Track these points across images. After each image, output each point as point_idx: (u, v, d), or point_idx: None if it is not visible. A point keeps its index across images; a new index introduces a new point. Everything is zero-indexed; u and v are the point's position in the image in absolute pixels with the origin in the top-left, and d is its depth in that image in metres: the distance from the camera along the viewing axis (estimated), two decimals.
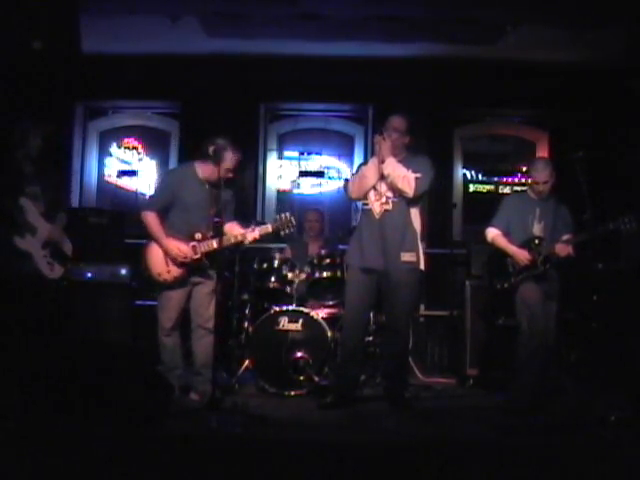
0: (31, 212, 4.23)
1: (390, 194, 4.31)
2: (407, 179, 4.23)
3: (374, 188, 4.35)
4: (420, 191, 4.28)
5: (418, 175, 4.25)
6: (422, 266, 4.34)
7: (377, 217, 4.31)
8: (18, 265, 4.18)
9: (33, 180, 4.28)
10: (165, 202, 4.43)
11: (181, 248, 4.31)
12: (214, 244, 4.28)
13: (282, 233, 4.47)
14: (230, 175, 4.37)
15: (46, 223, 4.29)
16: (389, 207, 4.30)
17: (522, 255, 4.47)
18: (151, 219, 4.38)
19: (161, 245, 4.35)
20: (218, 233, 4.21)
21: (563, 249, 4.38)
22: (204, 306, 4.40)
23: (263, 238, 4.48)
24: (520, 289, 4.50)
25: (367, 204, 4.38)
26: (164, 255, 4.35)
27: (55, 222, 4.36)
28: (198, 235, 4.34)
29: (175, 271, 4.35)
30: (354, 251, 4.42)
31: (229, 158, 4.32)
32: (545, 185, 4.55)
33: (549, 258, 4.41)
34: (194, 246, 4.33)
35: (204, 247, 4.33)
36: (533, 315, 4.39)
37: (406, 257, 4.26)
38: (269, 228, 4.45)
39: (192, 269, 4.38)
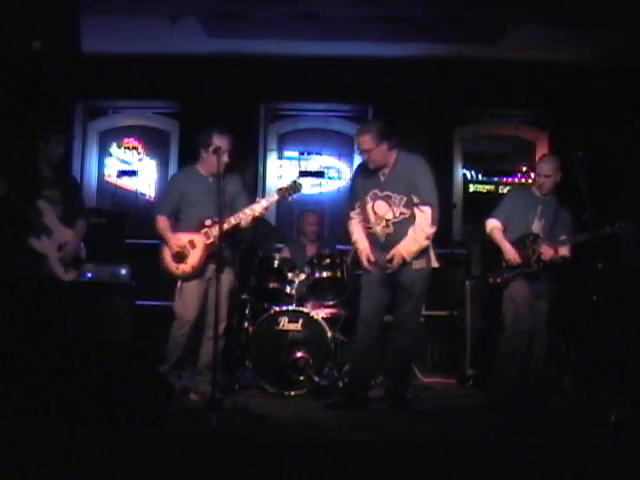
0: (48, 215, 4.29)
1: (390, 216, 4.27)
2: (421, 235, 4.21)
3: (374, 212, 4.31)
4: (437, 218, 4.25)
5: (424, 209, 4.21)
6: (434, 264, 4.37)
7: (382, 240, 4.32)
8: (33, 266, 4.22)
9: (52, 184, 4.36)
10: (173, 204, 4.56)
11: (179, 239, 4.42)
12: (225, 225, 4.34)
13: (290, 198, 4.58)
14: (226, 160, 4.38)
15: (63, 227, 4.35)
16: (390, 230, 4.29)
17: (512, 255, 4.48)
18: (159, 221, 4.54)
19: (167, 241, 4.46)
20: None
21: (547, 251, 4.40)
22: (219, 306, 4.39)
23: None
24: (510, 286, 4.51)
25: (370, 227, 4.37)
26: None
27: (75, 228, 4.43)
28: (208, 221, 4.40)
29: (192, 260, 4.42)
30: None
31: (218, 142, 4.36)
32: (546, 179, 4.55)
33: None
34: (206, 232, 4.41)
35: (216, 230, 4.33)
36: (518, 313, 4.43)
37: (417, 265, 4.28)
38: (275, 196, 4.55)
39: (210, 256, 4.42)
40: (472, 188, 7.19)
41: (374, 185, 4.33)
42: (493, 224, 4.66)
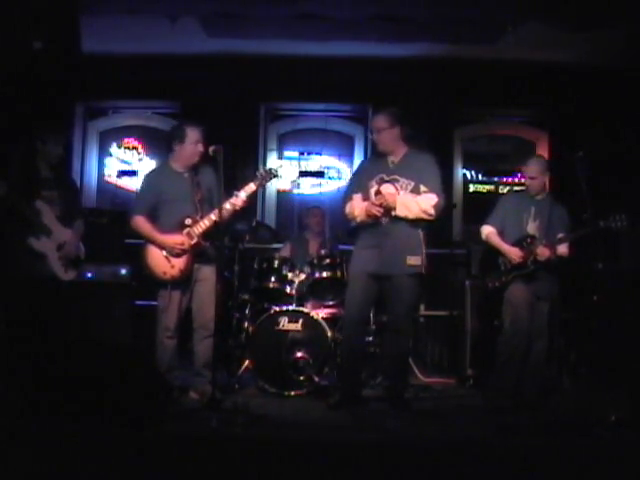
0: (47, 215, 4.29)
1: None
2: (421, 203, 4.20)
3: (379, 192, 4.31)
4: (440, 209, 4.26)
5: (432, 196, 4.22)
6: (423, 269, 4.30)
7: (383, 222, 4.26)
8: (33, 265, 4.22)
9: (51, 185, 4.36)
10: (149, 203, 4.45)
11: (175, 238, 4.33)
12: (207, 222, 4.32)
13: (267, 184, 4.63)
14: (201, 149, 4.37)
15: (62, 226, 4.35)
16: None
17: (514, 253, 4.49)
18: (140, 222, 4.41)
19: (156, 243, 4.35)
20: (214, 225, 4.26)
21: (544, 252, 4.39)
22: (206, 306, 4.37)
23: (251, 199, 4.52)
24: (509, 288, 4.52)
25: None
26: (163, 252, 4.36)
27: (73, 228, 4.44)
28: (188, 220, 4.34)
29: (179, 264, 4.35)
30: (358, 256, 4.37)
31: (191, 133, 4.38)
32: (532, 181, 4.56)
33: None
34: (188, 232, 4.35)
35: (198, 229, 4.33)
36: (517, 315, 4.43)
37: (412, 261, 4.23)
38: (252, 187, 4.44)
39: (195, 256, 4.37)
40: (472, 188, 7.20)
41: (382, 171, 4.35)
42: (488, 230, 4.68)
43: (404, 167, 4.33)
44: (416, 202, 4.22)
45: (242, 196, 4.38)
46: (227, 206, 4.32)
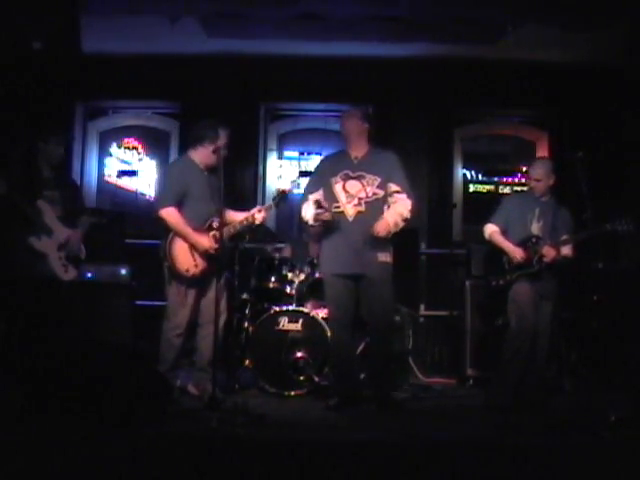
0: (48, 214, 4.31)
1: (362, 195, 4.28)
2: (401, 210, 4.26)
3: (345, 190, 4.30)
4: (415, 209, 4.32)
5: (403, 197, 4.28)
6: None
7: (350, 220, 4.26)
8: (33, 265, 4.23)
9: (52, 185, 4.38)
10: (179, 194, 4.38)
11: (211, 242, 4.33)
12: (231, 230, 4.37)
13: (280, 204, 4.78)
14: (226, 153, 4.39)
15: (63, 226, 4.36)
16: (362, 209, 4.26)
17: (517, 252, 4.49)
18: (173, 213, 4.33)
19: (189, 239, 4.32)
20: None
21: (549, 252, 4.39)
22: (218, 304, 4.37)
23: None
24: (513, 287, 4.52)
25: (338, 206, 4.31)
26: (190, 249, 4.33)
27: (79, 224, 4.47)
28: (215, 224, 4.33)
29: (202, 264, 4.35)
30: (329, 257, 4.35)
31: (223, 136, 4.44)
32: (537, 183, 4.57)
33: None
34: (214, 235, 4.34)
35: (225, 233, 4.29)
36: (522, 314, 4.43)
37: (382, 257, 4.26)
38: (271, 205, 4.62)
39: (217, 258, 4.34)
40: (472, 188, 7.18)
41: (346, 167, 4.37)
42: (491, 229, 4.68)
43: (369, 163, 4.35)
44: (399, 214, 4.25)
45: (263, 212, 4.52)
46: (249, 217, 4.48)
